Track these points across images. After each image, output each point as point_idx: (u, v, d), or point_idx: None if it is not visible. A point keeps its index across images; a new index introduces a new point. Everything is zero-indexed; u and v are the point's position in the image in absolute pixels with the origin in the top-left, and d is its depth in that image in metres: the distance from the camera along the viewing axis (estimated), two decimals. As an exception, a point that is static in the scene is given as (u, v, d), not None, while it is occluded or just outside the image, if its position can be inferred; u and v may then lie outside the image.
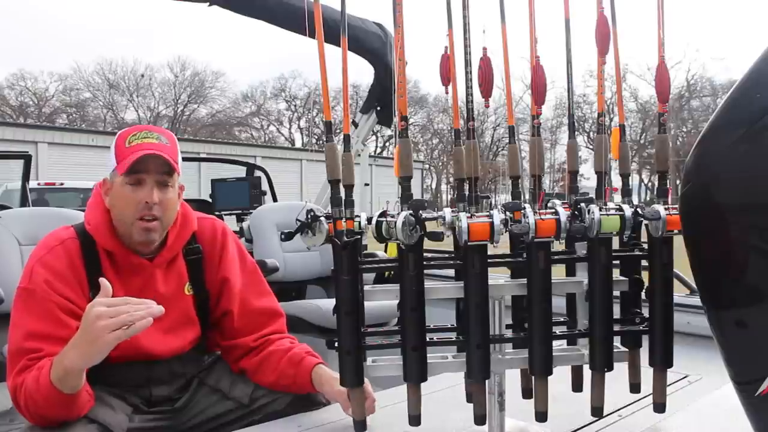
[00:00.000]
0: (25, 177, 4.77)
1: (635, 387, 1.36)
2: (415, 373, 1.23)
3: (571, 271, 1.40)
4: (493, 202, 1.33)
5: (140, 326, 1.23)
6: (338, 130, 1.35)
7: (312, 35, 1.18)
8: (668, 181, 1.30)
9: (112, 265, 1.53)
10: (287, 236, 1.26)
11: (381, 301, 1.32)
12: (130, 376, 1.54)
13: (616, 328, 1.30)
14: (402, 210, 1.19)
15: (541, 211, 1.20)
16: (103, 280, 1.30)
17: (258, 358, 1.62)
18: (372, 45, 3.63)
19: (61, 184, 12.45)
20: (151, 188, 1.49)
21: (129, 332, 1.23)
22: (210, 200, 4.46)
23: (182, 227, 1.60)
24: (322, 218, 1.21)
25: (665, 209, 1.22)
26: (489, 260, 1.23)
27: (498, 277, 1.33)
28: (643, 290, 1.32)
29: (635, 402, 1.49)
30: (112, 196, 1.52)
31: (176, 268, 1.61)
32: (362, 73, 3.86)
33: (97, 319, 1.23)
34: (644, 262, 1.32)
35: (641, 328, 1.31)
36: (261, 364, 1.61)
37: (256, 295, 1.69)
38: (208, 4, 3.24)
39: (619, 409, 1.52)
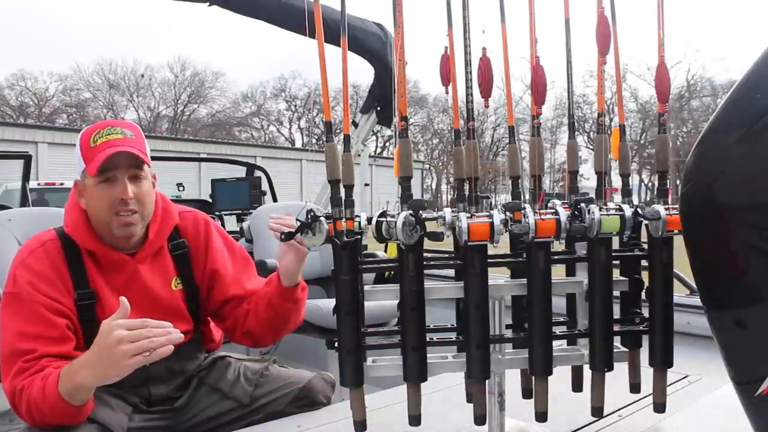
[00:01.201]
0: (25, 177, 4.77)
1: (635, 387, 1.36)
2: (415, 373, 1.23)
3: (571, 271, 1.40)
4: (493, 202, 1.33)
5: (161, 353, 1.22)
6: (338, 130, 1.35)
7: (312, 35, 1.18)
8: (668, 181, 1.30)
9: (94, 264, 1.52)
10: (287, 236, 1.26)
11: (381, 301, 1.32)
12: (128, 375, 1.53)
13: (616, 328, 1.30)
14: (402, 210, 1.19)
15: (541, 211, 1.20)
16: (123, 299, 1.28)
17: (252, 311, 1.64)
18: (372, 45, 3.63)
19: (61, 184, 12.42)
20: (124, 184, 1.47)
21: (150, 359, 1.22)
22: (210, 200, 4.46)
23: (163, 221, 1.59)
24: (322, 218, 1.21)
25: (665, 209, 1.22)
26: (489, 260, 1.23)
27: (498, 277, 1.33)
28: (643, 290, 1.32)
29: (635, 402, 1.49)
30: (86, 197, 1.52)
31: (161, 263, 1.60)
32: (362, 73, 3.87)
33: (118, 343, 1.22)
34: (644, 262, 1.32)
35: (641, 328, 1.31)
36: (256, 312, 1.62)
37: (247, 280, 1.71)
38: (208, 4, 3.24)
39: (619, 409, 1.52)
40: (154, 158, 1.57)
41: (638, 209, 1.24)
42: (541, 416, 1.29)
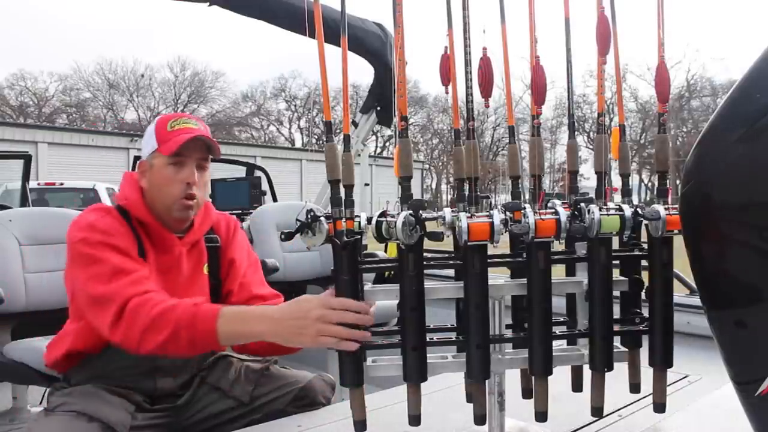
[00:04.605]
0: (25, 177, 4.78)
1: (635, 387, 1.36)
2: (415, 373, 1.23)
3: (571, 271, 1.40)
4: (492, 203, 1.33)
5: (345, 347, 1.20)
6: (338, 130, 1.35)
7: (312, 35, 1.18)
8: (668, 181, 1.30)
9: (147, 238, 1.59)
10: (287, 236, 1.26)
11: (381, 300, 1.32)
12: (140, 360, 1.53)
13: (617, 328, 1.30)
14: (402, 210, 1.19)
15: (541, 211, 1.20)
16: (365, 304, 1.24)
17: None
18: (372, 45, 3.63)
19: (61, 184, 12.45)
20: (192, 169, 1.58)
21: (340, 346, 1.20)
22: (210, 200, 4.46)
23: (206, 214, 1.70)
24: (322, 218, 1.21)
25: (665, 209, 1.22)
26: (489, 260, 1.23)
27: (498, 277, 1.33)
28: (643, 290, 1.32)
29: (635, 402, 1.49)
30: (151, 176, 1.59)
31: (198, 250, 1.68)
32: (362, 73, 3.87)
33: (317, 319, 1.20)
34: (644, 263, 1.32)
35: (641, 328, 1.31)
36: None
37: (258, 285, 1.74)
38: (208, 4, 3.24)
39: (619, 409, 1.52)
40: None
41: (638, 209, 1.24)
42: (541, 416, 1.29)
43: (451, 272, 1.41)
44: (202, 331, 1.31)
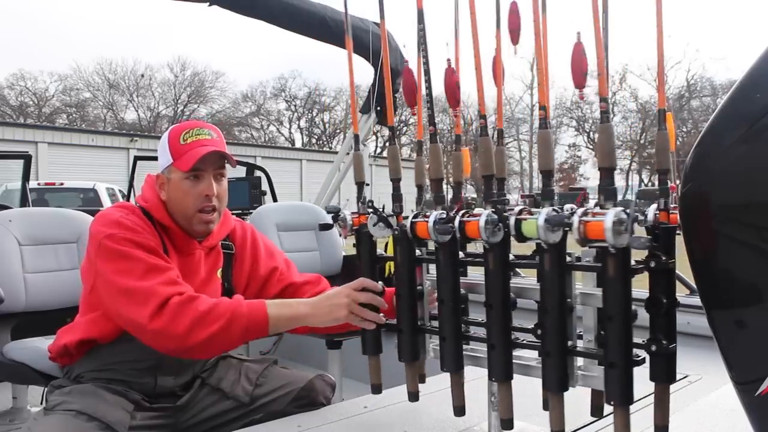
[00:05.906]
0: (25, 177, 4.78)
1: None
2: (408, 353, 1.35)
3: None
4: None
5: (366, 326, 1.42)
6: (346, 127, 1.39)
7: (314, 37, 1.20)
8: (614, 179, 1.10)
9: (169, 241, 1.59)
10: (323, 227, 1.48)
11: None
12: (144, 355, 1.53)
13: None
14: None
15: (468, 212, 1.21)
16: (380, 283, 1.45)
17: None
18: (373, 45, 3.63)
19: (61, 184, 12.45)
20: (210, 182, 1.58)
21: (363, 324, 1.42)
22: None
23: (225, 221, 1.71)
24: (346, 214, 1.45)
25: (585, 213, 1.02)
26: (468, 259, 1.32)
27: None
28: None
29: (635, 402, 1.48)
30: (170, 190, 1.60)
31: (214, 254, 1.69)
32: (363, 72, 3.86)
33: (347, 305, 1.40)
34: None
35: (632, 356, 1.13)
36: None
37: (299, 276, 1.78)
38: (208, 4, 3.24)
39: (619, 409, 1.52)
40: (152, 158, 1.60)
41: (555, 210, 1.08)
42: (507, 423, 1.23)
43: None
44: (255, 318, 1.40)
